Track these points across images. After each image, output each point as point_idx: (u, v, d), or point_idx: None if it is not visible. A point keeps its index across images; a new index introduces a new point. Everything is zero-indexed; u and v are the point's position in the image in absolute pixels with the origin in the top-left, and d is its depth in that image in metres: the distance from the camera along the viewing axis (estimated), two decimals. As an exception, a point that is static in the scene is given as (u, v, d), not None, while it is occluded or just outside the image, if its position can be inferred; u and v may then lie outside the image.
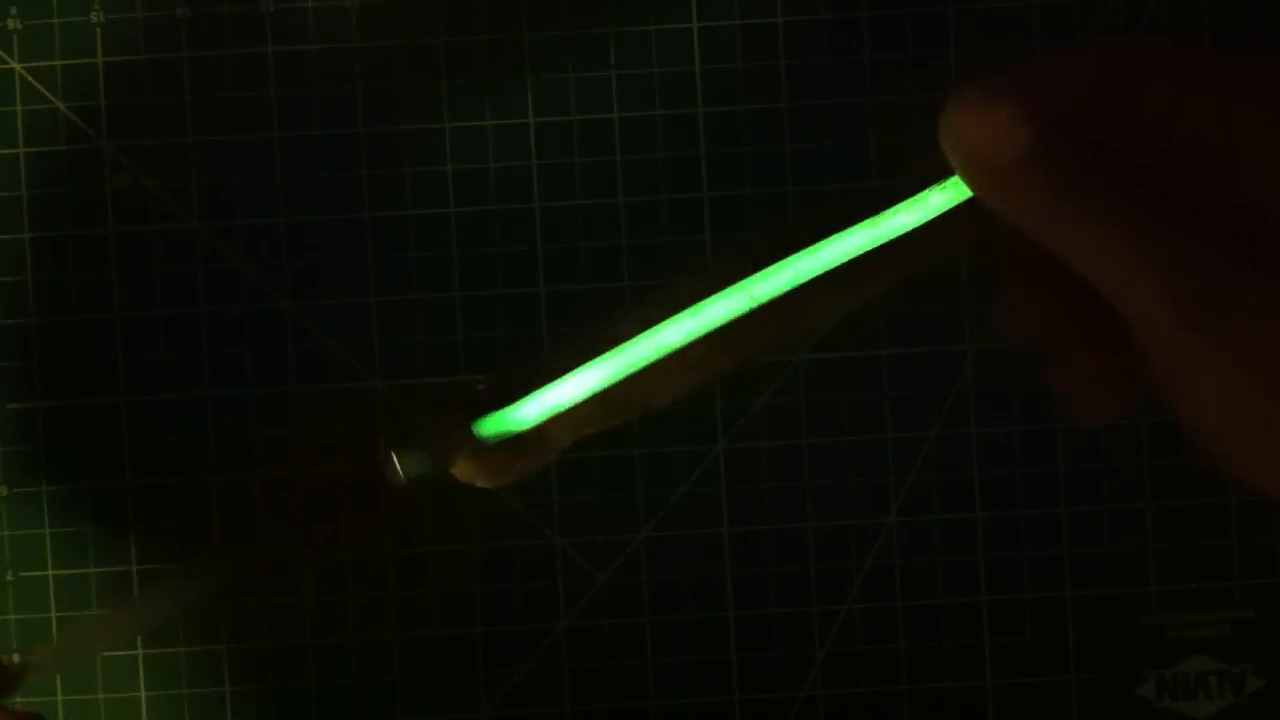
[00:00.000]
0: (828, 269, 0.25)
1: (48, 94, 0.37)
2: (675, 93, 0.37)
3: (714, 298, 0.25)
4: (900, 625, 0.37)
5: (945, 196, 0.24)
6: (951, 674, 0.37)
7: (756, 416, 0.37)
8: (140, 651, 0.37)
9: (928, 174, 0.24)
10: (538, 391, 0.25)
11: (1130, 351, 0.22)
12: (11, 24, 0.37)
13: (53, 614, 0.36)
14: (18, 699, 0.37)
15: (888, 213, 0.24)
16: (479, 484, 0.26)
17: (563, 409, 0.25)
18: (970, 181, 0.23)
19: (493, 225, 0.37)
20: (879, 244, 0.24)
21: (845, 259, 0.25)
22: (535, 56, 0.37)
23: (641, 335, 0.25)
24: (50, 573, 0.37)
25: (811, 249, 0.25)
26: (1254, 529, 0.37)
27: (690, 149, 0.37)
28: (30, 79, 0.37)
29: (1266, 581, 0.37)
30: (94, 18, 0.37)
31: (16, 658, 0.28)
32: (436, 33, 0.37)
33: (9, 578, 0.37)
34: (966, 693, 0.37)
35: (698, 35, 0.37)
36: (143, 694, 0.37)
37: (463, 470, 0.26)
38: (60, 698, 0.36)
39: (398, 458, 0.25)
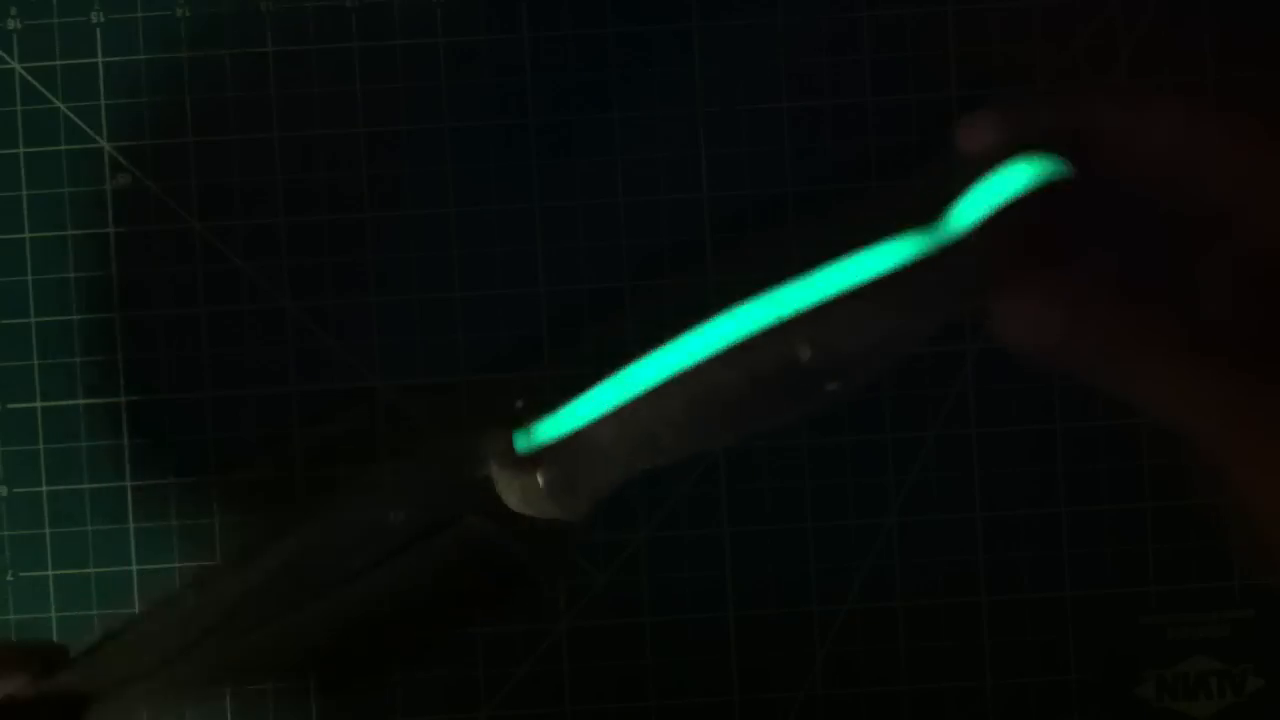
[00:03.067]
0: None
1: (48, 94, 0.37)
2: (675, 93, 0.37)
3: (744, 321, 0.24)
4: (900, 625, 0.37)
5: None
6: (951, 674, 0.37)
7: (756, 416, 0.37)
8: (140, 651, 0.37)
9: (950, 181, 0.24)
10: (574, 409, 0.25)
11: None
12: (11, 24, 0.37)
13: (53, 614, 0.36)
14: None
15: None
16: (524, 510, 0.26)
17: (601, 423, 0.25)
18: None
19: (493, 225, 0.37)
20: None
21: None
22: (535, 57, 0.37)
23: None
24: (50, 573, 0.37)
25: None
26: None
27: (690, 150, 0.37)
28: (30, 79, 0.37)
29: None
30: (94, 18, 0.37)
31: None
32: (436, 33, 0.37)
33: (9, 578, 0.37)
34: (966, 693, 0.37)
35: (698, 36, 0.37)
36: (143, 694, 0.37)
37: (508, 493, 0.26)
38: (60, 698, 0.36)
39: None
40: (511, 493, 0.26)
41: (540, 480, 0.25)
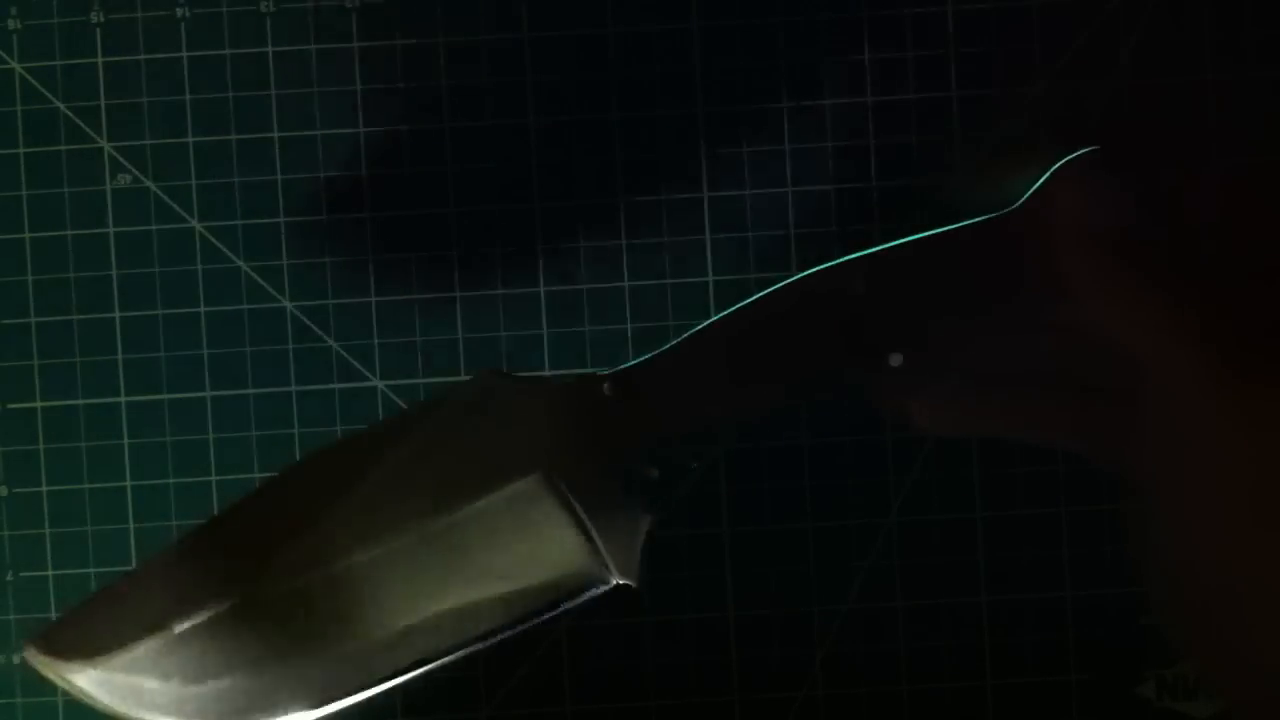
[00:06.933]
0: None
1: (48, 94, 0.37)
2: (675, 92, 0.37)
3: None
4: (900, 625, 0.37)
5: None
6: (951, 674, 0.37)
7: (756, 416, 0.37)
8: (140, 651, 0.37)
9: None
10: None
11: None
12: (11, 24, 0.37)
13: (53, 614, 0.36)
14: (19, 699, 0.37)
15: None
16: None
17: None
18: (1065, 234, 0.25)
19: (493, 225, 0.37)
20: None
21: None
22: (535, 56, 0.37)
23: None
24: (50, 573, 0.37)
25: None
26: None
27: (690, 148, 0.37)
28: (30, 79, 0.37)
29: (1266, 581, 0.37)
30: (94, 18, 0.37)
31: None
32: (436, 33, 0.37)
33: (9, 578, 0.37)
34: (966, 693, 0.37)
35: (698, 35, 0.37)
36: (143, 694, 0.37)
37: None
38: (60, 699, 0.36)
39: None
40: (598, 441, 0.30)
41: (606, 389, 0.29)
